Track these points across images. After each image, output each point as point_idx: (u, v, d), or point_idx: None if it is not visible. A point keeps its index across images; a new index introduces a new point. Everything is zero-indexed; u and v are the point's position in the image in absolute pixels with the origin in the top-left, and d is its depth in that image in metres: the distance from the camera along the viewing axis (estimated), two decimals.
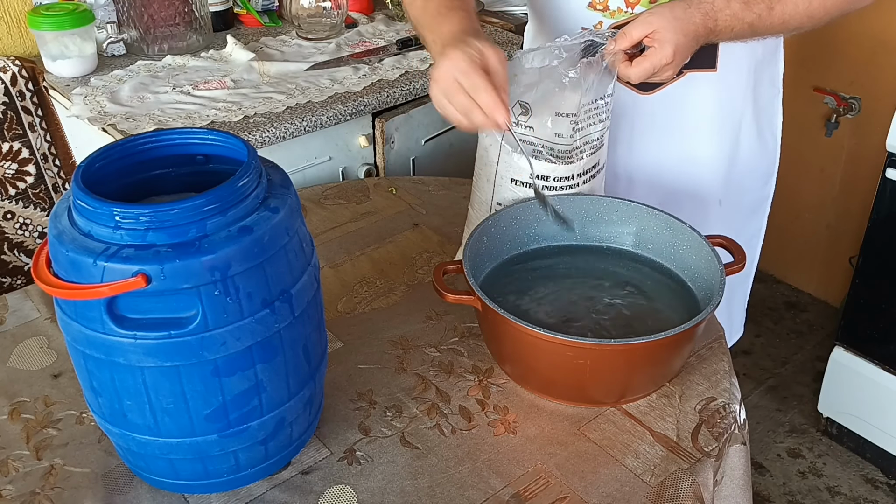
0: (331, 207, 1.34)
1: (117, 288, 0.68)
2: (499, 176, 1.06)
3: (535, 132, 1.04)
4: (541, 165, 1.04)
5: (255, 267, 0.73)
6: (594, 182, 1.10)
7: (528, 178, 1.03)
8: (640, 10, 1.09)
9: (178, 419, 0.77)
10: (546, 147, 1.04)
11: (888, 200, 1.72)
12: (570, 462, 0.88)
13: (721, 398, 0.96)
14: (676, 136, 1.23)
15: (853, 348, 1.91)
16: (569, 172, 1.05)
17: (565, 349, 0.88)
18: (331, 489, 0.85)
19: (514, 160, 1.03)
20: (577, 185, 1.06)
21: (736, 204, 1.29)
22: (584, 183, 1.07)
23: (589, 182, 1.08)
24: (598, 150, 1.07)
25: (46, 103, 1.58)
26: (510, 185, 1.06)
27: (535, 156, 1.03)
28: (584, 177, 1.07)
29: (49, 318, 1.09)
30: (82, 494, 0.85)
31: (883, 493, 1.94)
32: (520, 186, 1.05)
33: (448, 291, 0.94)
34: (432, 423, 0.93)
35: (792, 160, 2.46)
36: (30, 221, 1.58)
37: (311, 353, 0.84)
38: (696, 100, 1.20)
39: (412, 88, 1.62)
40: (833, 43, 2.20)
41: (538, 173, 1.03)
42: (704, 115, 1.22)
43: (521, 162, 1.02)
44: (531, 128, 1.03)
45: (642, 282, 1.05)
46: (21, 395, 0.97)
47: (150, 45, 1.73)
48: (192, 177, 0.83)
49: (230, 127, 1.45)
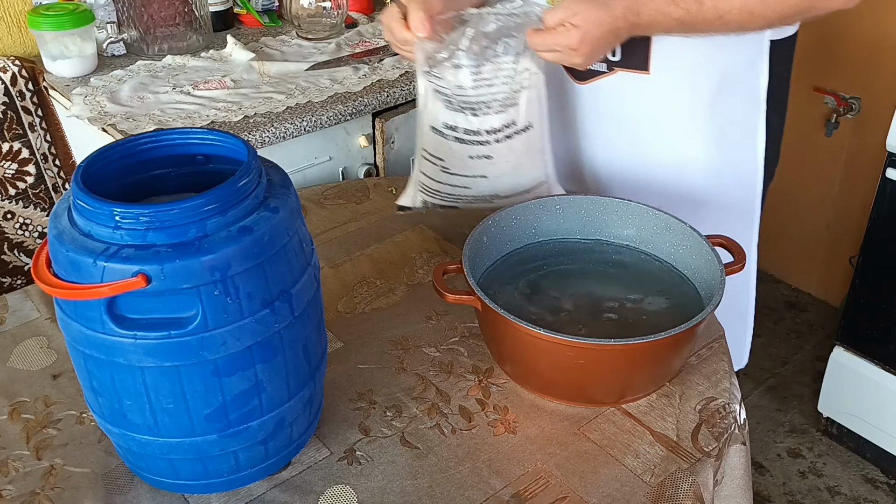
0: (331, 207, 1.34)
1: (117, 288, 0.68)
2: (422, 123, 1.13)
3: (442, 81, 1.08)
4: (449, 114, 1.09)
5: (255, 267, 0.73)
6: (513, 143, 1.11)
7: (441, 126, 1.09)
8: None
9: (178, 419, 0.77)
10: (454, 97, 1.08)
11: (888, 200, 1.73)
12: (570, 462, 0.88)
13: (721, 398, 0.96)
14: (622, 131, 1.23)
15: (853, 348, 1.91)
16: (476, 126, 1.09)
17: (565, 349, 0.88)
18: (331, 489, 0.85)
19: (431, 107, 1.10)
20: (489, 142, 1.10)
21: (693, 212, 1.21)
22: (496, 142, 1.10)
23: (504, 142, 1.11)
24: (506, 111, 1.09)
25: (46, 103, 1.58)
26: (429, 131, 1.11)
27: (445, 105, 1.09)
28: (494, 135, 1.10)
29: (49, 318, 1.09)
30: (82, 494, 0.85)
31: (883, 493, 1.94)
32: (436, 133, 1.11)
33: (448, 291, 0.94)
34: (432, 423, 0.93)
35: (792, 160, 2.46)
36: (30, 221, 1.58)
37: (311, 353, 0.84)
38: (632, 99, 1.18)
39: (412, 88, 1.62)
40: (833, 43, 2.20)
41: (445, 122, 1.09)
42: (643, 115, 1.20)
43: (437, 109, 1.09)
44: (440, 77, 1.08)
45: (643, 281, 1.05)
46: (21, 395, 0.97)
47: (150, 45, 1.73)
48: (192, 177, 0.83)
49: (230, 127, 1.45)
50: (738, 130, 1.20)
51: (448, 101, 1.09)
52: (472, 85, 1.07)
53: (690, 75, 1.15)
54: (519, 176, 1.16)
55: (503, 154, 1.12)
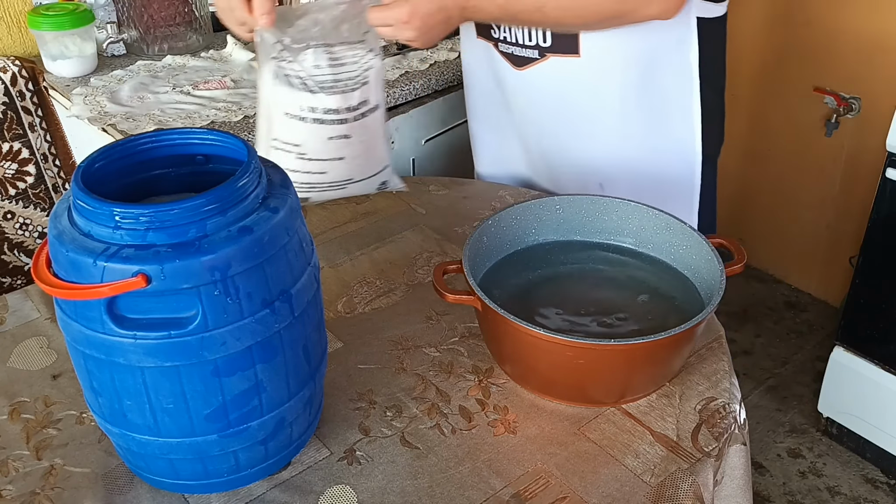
0: (331, 207, 1.34)
1: (117, 288, 0.68)
2: (272, 112, 1.14)
3: (294, 65, 1.12)
4: (307, 96, 1.11)
5: (255, 267, 0.73)
6: (367, 122, 1.16)
7: (299, 109, 1.11)
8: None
9: (178, 419, 0.77)
10: (310, 78, 1.11)
11: (888, 200, 1.73)
12: (570, 462, 0.88)
13: (721, 398, 0.96)
14: (561, 115, 1.27)
15: (853, 348, 1.91)
16: (336, 105, 1.12)
17: (565, 349, 0.88)
18: (331, 489, 0.85)
19: (283, 93, 1.11)
20: (348, 120, 1.13)
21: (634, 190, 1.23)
22: (354, 119, 1.14)
23: (360, 120, 1.15)
24: (360, 88, 1.13)
25: (46, 103, 1.58)
26: (284, 118, 1.13)
27: (300, 88, 1.12)
28: (353, 112, 1.14)
29: (49, 318, 1.09)
30: (82, 494, 0.85)
31: (883, 493, 1.94)
32: (293, 119, 1.12)
33: (448, 291, 0.94)
34: (432, 423, 0.93)
35: (792, 160, 2.47)
36: (30, 221, 1.58)
37: (311, 353, 0.84)
38: (567, 83, 1.23)
39: (412, 88, 1.62)
40: (833, 43, 2.20)
41: (303, 105, 1.11)
42: (579, 98, 1.24)
43: (292, 94, 1.11)
44: (293, 61, 1.11)
45: (643, 281, 1.05)
46: (21, 395, 0.97)
47: (150, 45, 1.73)
48: (191, 177, 0.83)
49: (230, 127, 1.45)
50: (673, 108, 1.25)
51: (304, 84, 1.12)
52: (327, 65, 1.11)
53: (621, 56, 1.19)
54: (371, 157, 1.22)
55: (359, 133, 1.17)
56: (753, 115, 2.48)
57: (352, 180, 1.21)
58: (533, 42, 1.21)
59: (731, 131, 1.40)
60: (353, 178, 1.21)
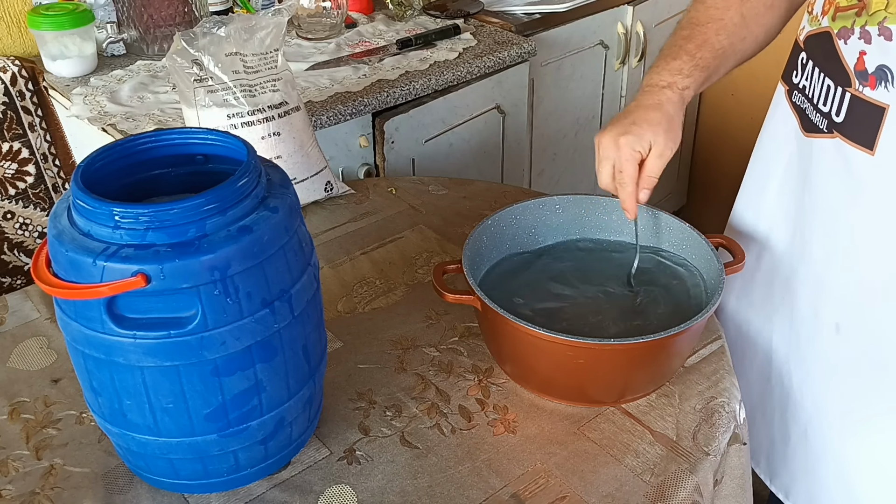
0: (331, 207, 1.34)
1: (117, 288, 0.68)
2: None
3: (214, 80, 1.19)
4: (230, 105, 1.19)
5: (254, 267, 0.73)
6: (293, 120, 1.25)
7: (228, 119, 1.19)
8: None
9: (178, 419, 0.77)
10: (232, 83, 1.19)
11: None
12: (570, 462, 0.88)
13: (721, 398, 0.96)
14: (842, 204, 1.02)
15: None
16: (258, 105, 1.21)
17: (565, 349, 0.88)
18: (330, 489, 0.85)
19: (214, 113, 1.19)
20: (273, 117, 1.23)
21: None
22: (279, 117, 1.23)
23: (286, 118, 1.24)
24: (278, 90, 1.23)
25: (46, 103, 1.58)
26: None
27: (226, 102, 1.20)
28: (277, 110, 1.23)
29: (49, 318, 1.09)
30: (82, 494, 0.85)
31: None
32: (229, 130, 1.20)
33: (448, 291, 0.94)
34: (432, 423, 0.93)
35: None
36: (30, 221, 1.58)
37: (311, 352, 0.84)
38: (851, 174, 0.98)
39: (412, 88, 1.62)
40: None
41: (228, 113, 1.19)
42: (862, 197, 0.98)
43: (216, 108, 1.19)
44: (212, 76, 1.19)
45: (643, 281, 1.05)
46: (21, 395, 0.97)
47: (150, 45, 1.73)
48: (191, 177, 0.83)
49: None
50: None
51: (228, 96, 1.19)
52: (244, 69, 1.20)
53: None
54: (307, 156, 1.28)
55: (288, 130, 1.24)
56: None
57: (295, 180, 1.26)
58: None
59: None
60: (296, 177, 1.27)
